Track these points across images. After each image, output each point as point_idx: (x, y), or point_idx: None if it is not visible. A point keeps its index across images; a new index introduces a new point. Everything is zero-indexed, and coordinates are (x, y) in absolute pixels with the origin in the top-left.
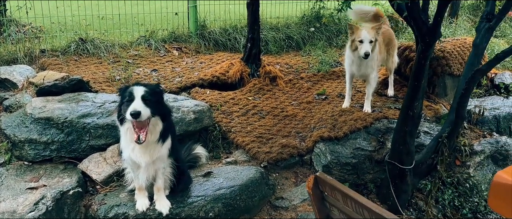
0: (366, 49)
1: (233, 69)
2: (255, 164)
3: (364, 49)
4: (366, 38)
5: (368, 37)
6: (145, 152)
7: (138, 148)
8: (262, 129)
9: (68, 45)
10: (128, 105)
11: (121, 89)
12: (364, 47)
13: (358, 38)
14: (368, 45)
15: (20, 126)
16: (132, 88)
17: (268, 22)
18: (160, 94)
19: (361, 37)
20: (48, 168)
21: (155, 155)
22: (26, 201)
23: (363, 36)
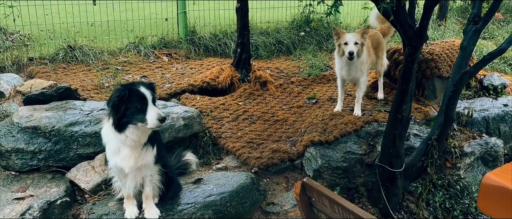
0: (350, 48)
1: (223, 75)
2: (245, 170)
3: (348, 48)
4: (350, 40)
5: (352, 39)
6: (131, 157)
7: (124, 153)
8: (253, 134)
9: (56, 53)
10: (141, 110)
11: (123, 90)
12: (348, 47)
13: (343, 41)
14: (353, 46)
15: (6, 135)
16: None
17: (258, 27)
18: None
19: (345, 40)
20: (35, 177)
21: (140, 161)
22: (12, 212)
23: (347, 38)
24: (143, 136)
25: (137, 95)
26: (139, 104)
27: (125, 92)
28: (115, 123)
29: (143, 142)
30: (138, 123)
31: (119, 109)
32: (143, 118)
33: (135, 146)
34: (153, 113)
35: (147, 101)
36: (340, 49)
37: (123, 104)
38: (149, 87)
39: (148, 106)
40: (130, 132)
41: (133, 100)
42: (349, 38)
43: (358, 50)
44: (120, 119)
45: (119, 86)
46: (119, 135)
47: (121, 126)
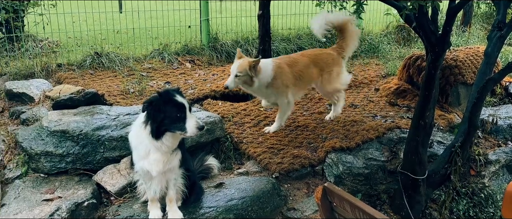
0: (227, 81)
1: None
2: (266, 175)
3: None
4: (232, 71)
5: (234, 71)
6: (160, 161)
7: (154, 157)
8: (274, 139)
9: (84, 59)
10: (180, 119)
11: (160, 99)
12: (228, 79)
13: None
14: (232, 78)
15: (36, 138)
16: (181, 100)
17: (279, 34)
18: None
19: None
20: (63, 180)
21: (167, 165)
22: (41, 212)
23: (231, 68)
24: (176, 142)
25: (176, 104)
26: (178, 113)
27: (162, 101)
28: (154, 131)
29: (175, 147)
30: (177, 131)
31: (157, 118)
32: (182, 126)
33: (168, 151)
34: (192, 121)
35: (185, 110)
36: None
37: (161, 113)
38: (183, 94)
39: (187, 115)
40: (166, 139)
41: (172, 109)
42: (232, 69)
43: (245, 80)
44: (159, 127)
45: (156, 95)
46: (156, 142)
47: (160, 133)
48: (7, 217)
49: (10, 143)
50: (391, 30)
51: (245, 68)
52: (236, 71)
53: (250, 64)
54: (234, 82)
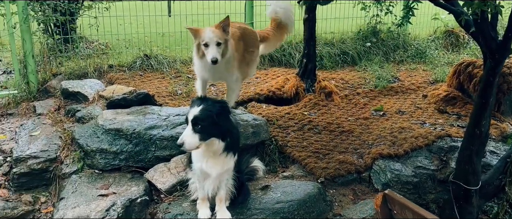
0: (212, 54)
1: (288, 85)
2: (312, 179)
3: (210, 53)
4: (211, 40)
5: (214, 39)
6: (217, 164)
7: (210, 160)
8: (318, 144)
9: (134, 61)
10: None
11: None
12: (210, 51)
13: (202, 41)
14: (214, 48)
15: (92, 136)
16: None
17: (323, 38)
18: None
19: (205, 40)
20: (117, 176)
21: (224, 166)
22: (98, 207)
23: (207, 37)
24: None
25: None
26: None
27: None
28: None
29: (217, 151)
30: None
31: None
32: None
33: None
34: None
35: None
36: (199, 51)
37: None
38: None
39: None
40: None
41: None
42: (210, 38)
43: (223, 50)
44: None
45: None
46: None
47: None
48: (66, 210)
49: (66, 139)
50: (439, 35)
51: (221, 33)
52: (216, 39)
53: (222, 26)
54: (218, 52)
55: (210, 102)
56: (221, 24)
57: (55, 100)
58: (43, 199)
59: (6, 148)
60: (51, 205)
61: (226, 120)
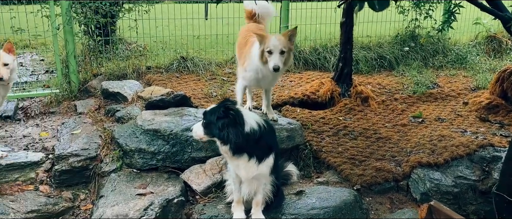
0: (276, 61)
1: (323, 89)
2: (347, 186)
3: (273, 61)
4: (275, 48)
5: (278, 47)
6: (247, 167)
7: (240, 163)
8: (354, 150)
9: (171, 63)
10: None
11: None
12: (273, 59)
13: (266, 48)
14: (277, 56)
15: (131, 136)
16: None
17: (359, 41)
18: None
19: (270, 47)
20: (154, 176)
21: (256, 171)
22: (136, 206)
23: (272, 45)
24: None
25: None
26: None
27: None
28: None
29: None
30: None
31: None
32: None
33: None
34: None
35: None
36: (262, 57)
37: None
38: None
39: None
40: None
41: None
42: (275, 45)
43: (285, 59)
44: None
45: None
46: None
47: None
48: (105, 208)
49: (106, 138)
50: (480, 40)
51: (286, 42)
52: (280, 47)
53: (288, 35)
54: (280, 60)
55: (222, 106)
56: (288, 33)
57: (96, 100)
58: (82, 196)
59: (49, 145)
60: (90, 202)
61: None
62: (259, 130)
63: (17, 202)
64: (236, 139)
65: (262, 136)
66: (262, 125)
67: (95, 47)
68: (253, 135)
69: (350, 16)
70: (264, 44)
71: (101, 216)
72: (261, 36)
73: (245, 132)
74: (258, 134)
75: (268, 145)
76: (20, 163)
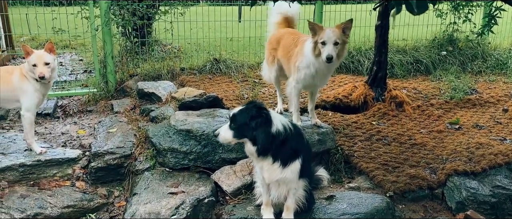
0: (329, 51)
1: (356, 92)
2: (379, 193)
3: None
4: (329, 39)
5: (332, 38)
6: (269, 170)
7: (264, 165)
8: (387, 156)
9: (204, 65)
10: None
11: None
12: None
13: (320, 39)
14: (331, 46)
15: (164, 135)
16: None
17: (395, 45)
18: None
19: (323, 38)
20: (185, 175)
21: (280, 174)
22: (168, 204)
23: (326, 36)
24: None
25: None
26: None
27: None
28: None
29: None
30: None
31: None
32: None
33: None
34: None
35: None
36: (315, 49)
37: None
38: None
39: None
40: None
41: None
42: (329, 36)
43: (339, 51)
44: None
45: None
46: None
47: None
48: (138, 205)
49: (140, 137)
50: None
51: (340, 34)
52: (334, 38)
53: (342, 28)
54: (334, 50)
55: (253, 106)
56: (342, 25)
57: (131, 99)
58: (116, 193)
59: (86, 142)
60: (123, 199)
61: (259, 125)
62: (285, 132)
63: (55, 196)
64: (265, 139)
65: (288, 139)
66: (288, 128)
67: (132, 48)
68: (278, 136)
69: (385, 18)
70: (318, 35)
71: (134, 213)
72: (317, 26)
73: (271, 133)
74: (283, 136)
75: (294, 149)
76: (58, 159)
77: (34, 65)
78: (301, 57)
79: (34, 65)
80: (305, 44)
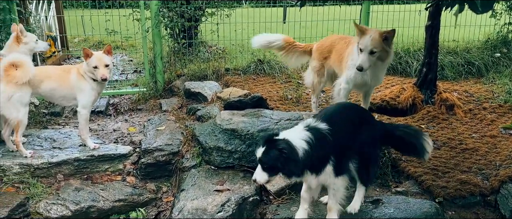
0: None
1: (404, 95)
2: (428, 198)
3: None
4: (365, 47)
5: (368, 46)
6: (307, 180)
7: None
8: (437, 160)
9: (248, 65)
10: None
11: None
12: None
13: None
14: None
15: (210, 134)
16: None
17: (445, 46)
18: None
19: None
20: (230, 174)
21: (314, 183)
22: (214, 201)
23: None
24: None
25: None
26: None
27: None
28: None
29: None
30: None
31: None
32: None
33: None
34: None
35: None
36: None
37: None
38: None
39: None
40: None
41: None
42: (365, 45)
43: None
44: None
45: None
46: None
47: None
48: (186, 201)
49: (187, 135)
50: None
51: (380, 41)
52: (370, 47)
53: (383, 35)
54: (369, 61)
55: (272, 147)
56: (384, 34)
57: (178, 99)
58: (164, 189)
59: (136, 139)
60: (171, 195)
61: (286, 162)
62: (310, 149)
63: (106, 190)
64: (295, 170)
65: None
66: (311, 141)
67: (179, 49)
68: (306, 155)
69: (436, 18)
70: (359, 40)
71: (182, 208)
72: (363, 29)
73: (300, 160)
74: (310, 153)
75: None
76: (110, 154)
77: (94, 67)
78: (352, 56)
79: (95, 67)
80: (354, 46)
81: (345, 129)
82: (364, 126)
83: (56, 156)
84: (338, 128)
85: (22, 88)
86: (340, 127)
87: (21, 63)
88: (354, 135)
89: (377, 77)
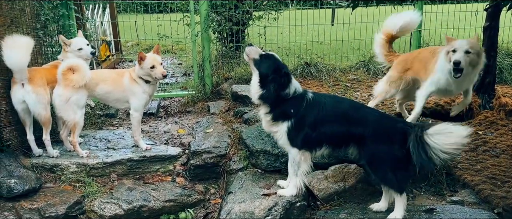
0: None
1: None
2: (486, 208)
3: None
4: (460, 47)
5: (464, 46)
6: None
7: None
8: (496, 169)
9: (295, 68)
10: None
11: None
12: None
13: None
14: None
15: (257, 138)
16: None
17: (504, 48)
18: None
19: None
20: (277, 177)
21: None
22: (261, 205)
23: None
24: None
25: None
26: None
27: None
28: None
29: None
30: None
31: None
32: None
33: None
34: None
35: None
36: (447, 58)
37: None
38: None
39: None
40: None
41: None
42: (460, 45)
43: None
44: None
45: None
46: None
47: None
48: (233, 203)
49: (235, 138)
50: None
51: (476, 43)
52: (467, 47)
53: (476, 38)
54: (464, 59)
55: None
56: (477, 36)
57: (226, 102)
58: (212, 191)
59: (185, 141)
60: (219, 197)
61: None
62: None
63: (157, 190)
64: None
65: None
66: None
67: (227, 53)
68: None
69: (495, 19)
70: (450, 45)
71: (229, 211)
72: (449, 38)
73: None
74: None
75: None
76: (161, 155)
77: (152, 68)
78: (439, 61)
79: (152, 67)
80: (442, 52)
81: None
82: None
83: (111, 156)
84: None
85: (78, 91)
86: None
87: (78, 67)
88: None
89: (461, 86)
